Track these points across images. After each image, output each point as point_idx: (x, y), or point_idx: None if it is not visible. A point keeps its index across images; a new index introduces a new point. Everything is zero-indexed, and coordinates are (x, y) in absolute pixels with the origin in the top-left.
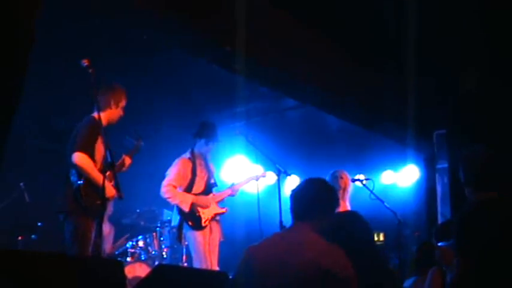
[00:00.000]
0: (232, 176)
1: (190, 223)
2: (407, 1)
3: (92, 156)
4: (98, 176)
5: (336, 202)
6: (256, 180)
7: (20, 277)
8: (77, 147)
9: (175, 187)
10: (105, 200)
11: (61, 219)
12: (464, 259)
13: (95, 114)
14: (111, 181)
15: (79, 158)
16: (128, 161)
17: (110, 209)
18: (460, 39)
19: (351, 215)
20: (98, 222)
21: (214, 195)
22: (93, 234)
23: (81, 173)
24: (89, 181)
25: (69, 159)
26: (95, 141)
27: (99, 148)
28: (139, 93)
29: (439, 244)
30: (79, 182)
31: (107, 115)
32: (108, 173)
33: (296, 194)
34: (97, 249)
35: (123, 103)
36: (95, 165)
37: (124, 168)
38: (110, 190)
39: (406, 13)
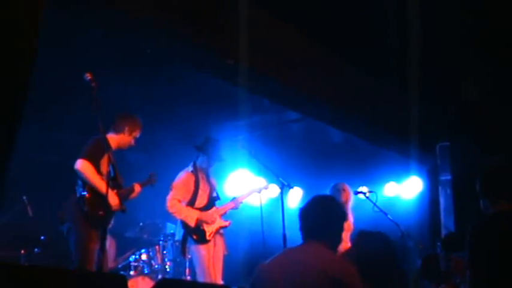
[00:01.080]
0: (236, 189)
1: (194, 237)
2: (410, 15)
3: (96, 167)
4: (100, 183)
5: (344, 218)
6: (259, 192)
7: None
8: (81, 155)
9: (179, 201)
10: (109, 208)
11: (65, 230)
12: (478, 270)
13: (108, 135)
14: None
15: (81, 164)
16: (137, 188)
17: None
18: (460, 52)
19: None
20: (101, 235)
21: (217, 208)
22: (97, 245)
23: (83, 179)
24: (92, 191)
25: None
26: (101, 156)
27: (105, 166)
28: (142, 106)
29: (453, 255)
30: (83, 193)
31: (119, 139)
32: (115, 191)
33: (305, 212)
34: (100, 263)
35: (136, 133)
36: (101, 179)
37: (133, 195)
38: (114, 199)
39: (409, 27)
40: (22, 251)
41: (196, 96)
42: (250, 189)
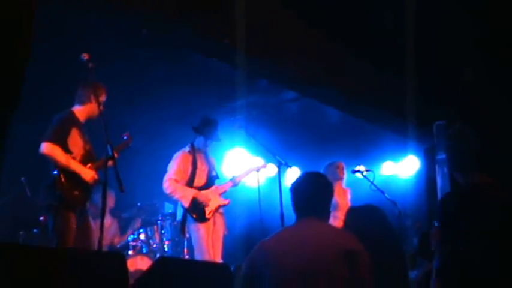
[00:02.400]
0: (233, 169)
1: (194, 216)
2: None
3: (63, 147)
4: (68, 162)
5: (332, 195)
6: (257, 171)
7: (20, 271)
8: (44, 137)
9: (176, 181)
10: (84, 186)
11: (43, 219)
12: (452, 243)
13: (74, 109)
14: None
15: (44, 147)
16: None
17: (111, 201)
18: (458, 31)
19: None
20: (80, 213)
21: (216, 187)
22: (74, 226)
23: (51, 162)
24: (64, 171)
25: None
26: (67, 133)
27: (77, 141)
28: (138, 87)
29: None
30: (54, 173)
31: (87, 109)
32: (89, 165)
33: (297, 189)
34: (99, 242)
35: (102, 98)
36: (73, 158)
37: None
38: (88, 173)
39: (406, 6)
40: (21, 232)
41: (193, 77)
42: (249, 168)
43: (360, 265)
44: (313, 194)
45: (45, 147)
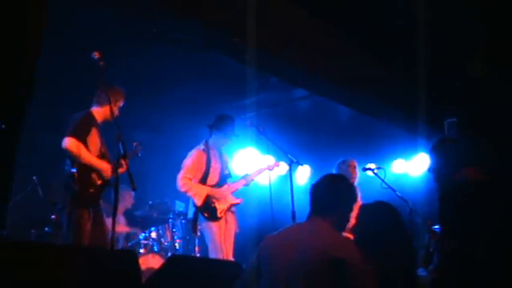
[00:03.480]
0: (243, 167)
1: (206, 214)
2: None
3: (84, 144)
4: (90, 157)
5: (354, 199)
6: (270, 170)
7: (33, 269)
8: (67, 133)
9: (190, 179)
10: (99, 184)
11: (57, 211)
12: (454, 241)
13: (92, 109)
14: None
15: (69, 142)
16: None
17: (130, 201)
18: (468, 27)
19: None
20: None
21: (229, 185)
22: (89, 224)
23: (72, 157)
24: (82, 168)
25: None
26: (87, 132)
27: (94, 141)
28: (150, 86)
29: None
30: (72, 170)
31: (103, 111)
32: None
33: (315, 188)
34: (111, 239)
35: (120, 102)
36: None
37: (121, 170)
38: (106, 168)
39: (416, 3)
40: (32, 230)
41: (204, 74)
42: (262, 166)
43: (351, 276)
44: (327, 194)
45: (69, 142)
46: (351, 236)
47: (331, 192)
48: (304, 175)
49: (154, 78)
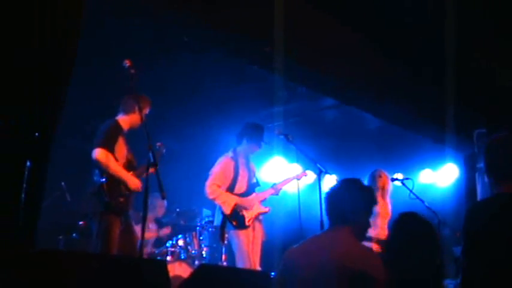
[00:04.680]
0: (270, 175)
1: (234, 223)
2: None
3: (112, 154)
4: (119, 170)
5: (372, 202)
6: (298, 179)
7: (62, 277)
8: (97, 143)
9: (219, 186)
10: (129, 193)
11: (82, 224)
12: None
13: (118, 117)
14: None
15: (98, 153)
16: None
17: (162, 210)
18: (497, 37)
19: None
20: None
21: (257, 194)
22: (118, 231)
23: (101, 168)
24: (111, 178)
25: (90, 157)
26: (115, 141)
27: (121, 149)
28: (179, 94)
29: None
30: (102, 180)
31: (130, 119)
32: (131, 173)
33: (330, 196)
34: (140, 247)
35: (146, 110)
36: (119, 165)
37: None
38: (134, 181)
39: (446, 13)
40: (60, 236)
41: (232, 83)
42: (291, 175)
43: (368, 285)
44: (344, 201)
45: (99, 153)
46: (377, 247)
47: (347, 199)
48: (332, 184)
49: (183, 86)
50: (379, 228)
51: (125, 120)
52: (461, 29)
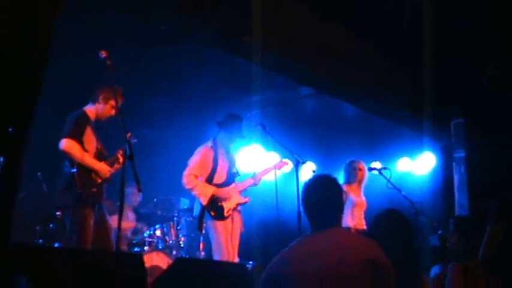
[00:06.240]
0: (248, 164)
1: (212, 213)
2: None
3: (80, 144)
4: (88, 159)
5: (342, 201)
6: (278, 169)
7: (36, 272)
8: (64, 134)
9: (196, 177)
10: (100, 183)
11: (59, 214)
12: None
13: (86, 108)
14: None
15: (66, 143)
16: (121, 156)
17: (136, 199)
18: (477, 29)
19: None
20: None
21: (236, 185)
22: (92, 222)
23: (70, 158)
24: (81, 168)
25: (58, 149)
26: (82, 131)
27: (90, 140)
28: (156, 84)
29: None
30: (72, 170)
31: (97, 110)
32: (102, 163)
33: (311, 199)
34: (117, 239)
35: (113, 102)
36: (88, 155)
37: (117, 166)
38: (104, 169)
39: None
40: (37, 227)
41: (210, 72)
42: (270, 165)
43: (382, 276)
44: (329, 207)
45: (65, 144)
46: None
47: (333, 202)
48: (309, 173)
49: (159, 76)
50: (356, 218)
51: (92, 111)
52: (440, 21)
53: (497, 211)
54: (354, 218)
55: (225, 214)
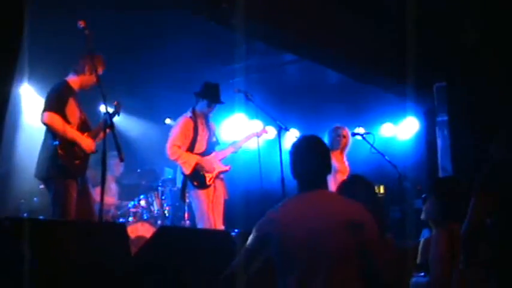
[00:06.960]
0: (232, 133)
1: (194, 183)
2: None
3: (63, 117)
4: (71, 132)
5: (330, 162)
6: (258, 136)
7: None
8: (46, 107)
9: (179, 147)
10: (84, 155)
11: (42, 186)
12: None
13: (68, 78)
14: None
15: (48, 116)
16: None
17: (118, 169)
18: None
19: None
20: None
21: (216, 153)
22: (75, 194)
23: (52, 131)
24: (64, 140)
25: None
26: (65, 103)
27: (73, 111)
28: (137, 52)
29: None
30: (55, 143)
31: (80, 80)
32: (86, 134)
33: (299, 159)
34: (100, 211)
35: (99, 70)
36: (71, 127)
37: (102, 135)
38: (86, 142)
39: None
40: (22, 200)
41: (192, 40)
42: (250, 133)
43: (366, 237)
44: (317, 166)
45: (46, 117)
46: None
47: (322, 163)
48: (292, 140)
49: (140, 44)
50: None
51: (75, 81)
52: None
53: (482, 183)
54: (336, 183)
55: (207, 183)
